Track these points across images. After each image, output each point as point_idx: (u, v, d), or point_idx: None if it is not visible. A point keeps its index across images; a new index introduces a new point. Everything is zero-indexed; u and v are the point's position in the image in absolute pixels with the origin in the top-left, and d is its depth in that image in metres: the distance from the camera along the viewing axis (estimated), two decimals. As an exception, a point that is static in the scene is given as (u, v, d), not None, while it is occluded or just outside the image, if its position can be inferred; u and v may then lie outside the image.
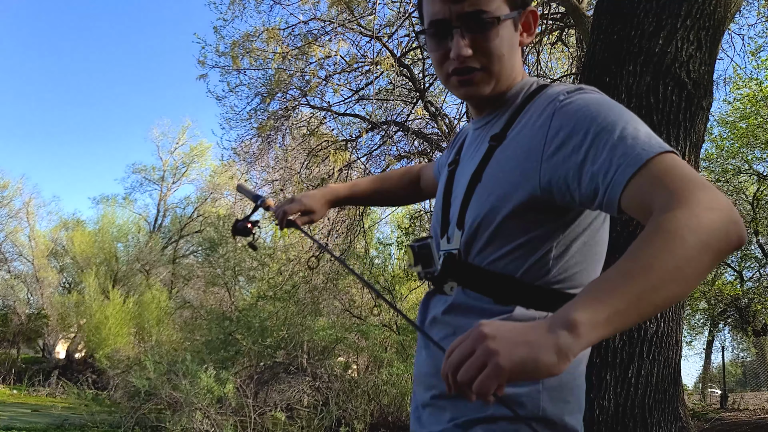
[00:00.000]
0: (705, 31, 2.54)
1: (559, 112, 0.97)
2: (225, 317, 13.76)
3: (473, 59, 1.05)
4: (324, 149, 10.02)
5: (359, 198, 1.60)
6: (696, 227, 0.75)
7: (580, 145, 0.91)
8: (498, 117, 1.11)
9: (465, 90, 1.09)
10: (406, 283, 12.39)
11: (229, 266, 16.54)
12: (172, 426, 8.85)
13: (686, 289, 0.76)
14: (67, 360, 23.77)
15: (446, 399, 1.03)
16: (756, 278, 16.75)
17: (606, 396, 2.34)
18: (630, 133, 0.87)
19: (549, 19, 8.37)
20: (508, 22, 1.05)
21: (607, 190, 0.87)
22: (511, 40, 1.07)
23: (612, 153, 0.87)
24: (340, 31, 9.01)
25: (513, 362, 0.72)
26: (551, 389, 0.97)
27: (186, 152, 29.54)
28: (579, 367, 1.04)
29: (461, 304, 1.05)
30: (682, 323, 2.57)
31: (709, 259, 0.76)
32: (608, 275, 0.78)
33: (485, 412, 0.97)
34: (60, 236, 27.76)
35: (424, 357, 1.13)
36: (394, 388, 9.87)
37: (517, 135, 1.04)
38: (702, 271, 0.76)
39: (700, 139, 2.62)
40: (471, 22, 1.03)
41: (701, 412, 11.40)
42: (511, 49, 1.07)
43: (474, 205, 1.05)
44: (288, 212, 1.47)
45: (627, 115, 0.92)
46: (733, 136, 13.30)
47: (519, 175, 0.99)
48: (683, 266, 0.75)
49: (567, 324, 0.73)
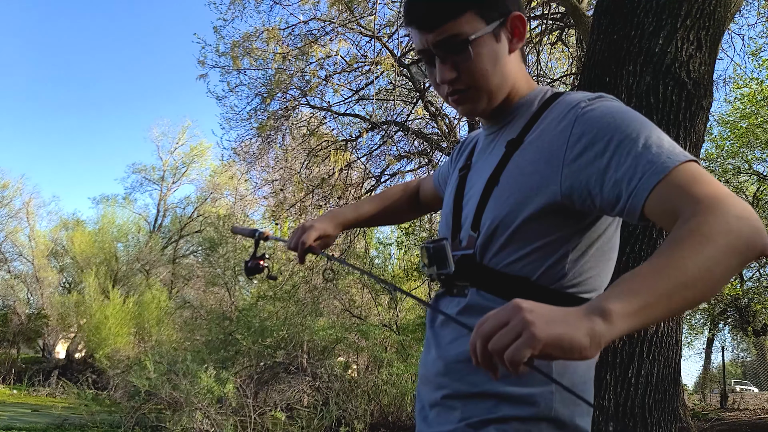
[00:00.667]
0: (705, 31, 2.54)
1: (581, 118, 0.98)
2: (225, 317, 13.77)
3: (459, 81, 1.08)
4: (324, 149, 10.02)
5: (364, 220, 1.61)
6: (726, 232, 0.79)
7: (602, 151, 0.93)
8: (512, 123, 1.13)
9: (462, 108, 1.13)
10: (406, 283, 12.40)
11: (229, 266, 16.55)
12: (172, 426, 8.85)
13: (713, 290, 0.79)
14: (67, 360, 23.79)
15: (458, 399, 1.04)
16: (756, 278, 16.75)
17: (606, 396, 2.34)
18: (654, 142, 0.90)
19: (549, 19, 8.37)
20: (485, 37, 1.06)
21: (630, 197, 0.89)
22: (493, 53, 1.07)
23: (636, 161, 0.89)
24: (340, 31, 9.01)
25: (549, 335, 0.73)
26: (562, 390, 0.98)
27: (186, 152, 29.61)
28: (589, 371, 1.05)
29: (476, 305, 1.05)
30: (682, 323, 2.57)
31: (736, 263, 0.79)
32: (641, 270, 0.80)
33: (497, 412, 0.98)
34: (60, 236, 27.79)
35: (433, 356, 1.13)
36: (394, 388, 9.87)
37: (536, 140, 1.05)
38: (729, 273, 0.79)
39: (700, 139, 2.62)
40: (446, 48, 1.06)
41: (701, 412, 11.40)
42: (497, 63, 1.08)
43: (491, 208, 1.06)
44: (306, 242, 1.44)
45: (649, 124, 0.94)
46: (733, 135, 13.29)
47: (539, 179, 1.00)
48: (713, 267, 0.78)
49: (601, 312, 0.75)
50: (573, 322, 0.75)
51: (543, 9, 8.38)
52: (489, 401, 0.99)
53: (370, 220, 1.61)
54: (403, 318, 11.96)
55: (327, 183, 9.80)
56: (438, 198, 1.51)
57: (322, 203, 10.10)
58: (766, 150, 13.61)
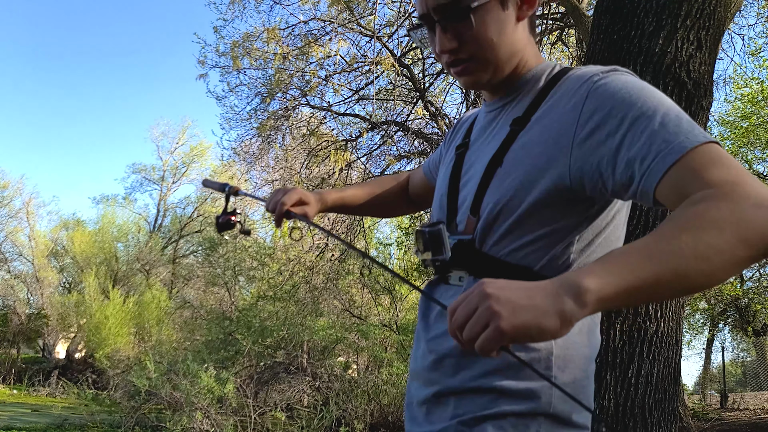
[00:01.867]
0: (705, 31, 2.54)
1: (593, 93, 0.90)
2: (225, 317, 13.77)
3: (461, 50, 1.01)
4: (324, 149, 10.02)
5: (350, 204, 1.48)
6: (737, 221, 0.72)
7: (616, 129, 0.85)
8: (518, 100, 1.05)
9: (464, 80, 1.05)
10: (406, 283, 12.37)
11: (229, 266, 16.55)
12: (173, 426, 8.85)
13: (711, 281, 0.73)
14: (67, 360, 23.77)
15: (451, 395, 0.98)
16: (756, 278, 16.75)
17: (606, 396, 2.34)
18: (672, 120, 0.82)
19: (549, 19, 8.37)
20: (490, 4, 0.98)
21: (643, 178, 0.82)
22: (500, 22, 0.99)
23: (651, 139, 0.82)
24: (340, 31, 9.01)
25: (515, 326, 0.71)
26: (563, 386, 0.93)
27: (186, 152, 29.58)
28: (590, 366, 1.00)
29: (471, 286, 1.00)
30: (682, 323, 2.57)
31: (745, 254, 0.72)
32: (631, 248, 0.75)
33: (493, 408, 0.93)
34: (60, 236, 27.79)
35: (423, 349, 1.06)
36: (394, 388, 9.87)
37: (544, 117, 0.97)
38: (734, 265, 0.72)
39: (700, 139, 2.61)
40: (448, 14, 0.98)
41: (701, 412, 11.40)
42: (503, 32, 0.99)
43: (493, 191, 0.99)
44: (286, 203, 1.30)
45: (667, 101, 0.87)
46: (733, 135, 13.29)
47: (546, 161, 0.93)
48: (713, 257, 0.71)
49: (575, 289, 0.71)
50: (542, 306, 0.71)
51: (543, 9, 8.38)
52: (485, 396, 0.94)
53: (357, 207, 1.49)
54: (403, 318, 11.96)
55: (327, 183, 9.80)
56: (429, 189, 1.40)
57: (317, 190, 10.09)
58: (766, 150, 13.61)
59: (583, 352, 0.98)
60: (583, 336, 0.98)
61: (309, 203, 1.35)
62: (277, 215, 1.30)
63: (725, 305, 16.31)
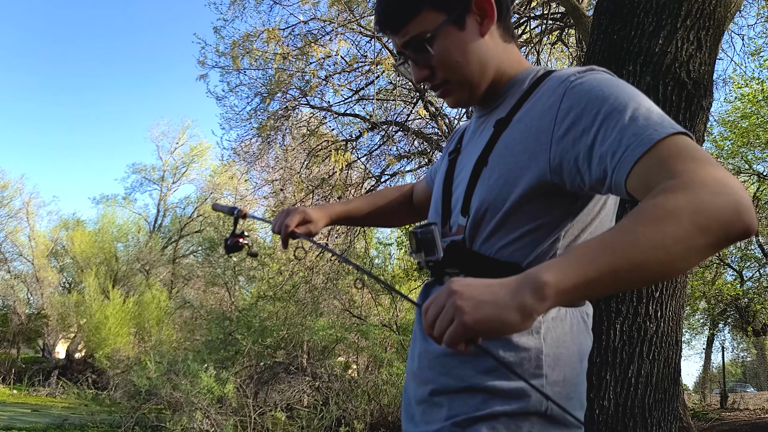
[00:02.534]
0: (705, 31, 2.54)
1: (569, 92, 0.94)
2: (225, 317, 13.77)
3: (435, 76, 1.07)
4: (324, 149, 10.03)
5: (355, 216, 1.53)
6: (695, 210, 0.73)
7: (590, 125, 0.88)
8: (503, 104, 1.09)
9: (448, 101, 1.12)
10: (407, 283, 12.40)
11: (229, 266, 16.56)
12: (173, 426, 8.85)
13: (673, 270, 0.75)
14: (67, 360, 23.78)
15: (445, 395, 0.99)
16: (756, 278, 16.75)
17: (606, 396, 2.34)
18: (642, 114, 0.85)
19: (549, 19, 8.37)
20: (446, 29, 1.02)
21: (614, 172, 0.84)
22: (460, 42, 1.03)
23: (622, 133, 0.84)
24: (340, 31, 9.01)
25: (477, 320, 0.75)
26: (554, 384, 0.95)
27: (186, 152, 29.60)
28: (581, 364, 1.01)
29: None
30: (682, 323, 2.57)
31: (704, 242, 0.73)
32: (591, 243, 0.77)
33: (486, 408, 0.94)
34: (60, 236, 27.81)
35: (419, 350, 1.08)
36: (394, 388, 9.87)
37: (525, 117, 1.01)
38: (694, 254, 0.73)
39: (700, 139, 2.62)
40: (412, 48, 1.05)
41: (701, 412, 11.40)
42: (465, 51, 1.04)
43: (479, 190, 1.02)
44: (290, 225, 1.37)
45: (639, 96, 0.90)
46: (733, 135, 13.30)
47: (528, 157, 0.96)
48: (671, 246, 0.73)
49: (534, 284, 0.74)
50: (503, 300, 0.75)
51: (543, 9, 8.38)
52: (478, 396, 0.95)
53: (362, 218, 1.54)
54: (403, 318, 11.97)
55: (327, 183, 9.80)
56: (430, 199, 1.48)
57: (322, 203, 10.10)
58: (766, 150, 13.61)
59: (573, 350, 0.99)
60: (573, 335, 0.99)
61: (312, 221, 1.41)
62: (282, 237, 1.38)
63: (725, 305, 16.31)
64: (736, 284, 15.87)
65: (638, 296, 2.42)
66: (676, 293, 2.50)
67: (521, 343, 0.94)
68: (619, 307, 2.41)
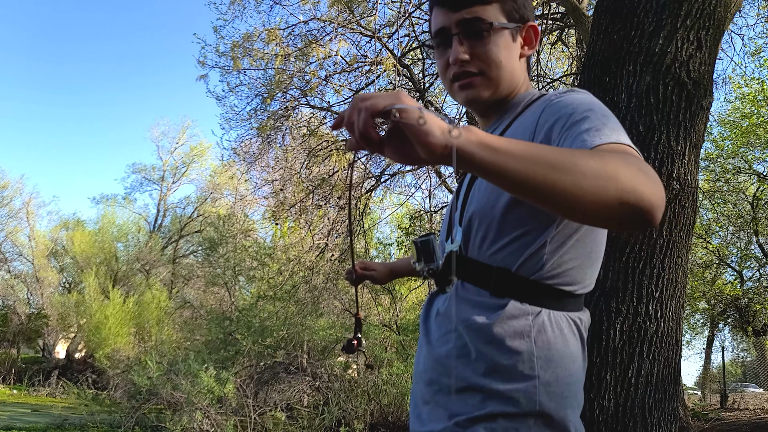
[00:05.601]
0: (705, 31, 2.54)
1: (548, 108, 1.04)
2: (225, 317, 13.77)
3: (471, 64, 1.12)
4: (324, 149, 10.03)
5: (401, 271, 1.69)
6: (624, 166, 0.78)
7: (558, 134, 0.97)
8: (501, 123, 1.17)
9: (465, 94, 1.15)
10: (407, 283, 12.39)
11: (229, 266, 16.55)
12: (173, 426, 8.84)
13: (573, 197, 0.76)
14: (67, 360, 23.79)
15: (447, 395, 1.03)
16: (756, 278, 16.75)
17: (606, 396, 2.34)
18: (595, 125, 0.92)
19: (549, 19, 8.37)
20: (505, 32, 1.13)
21: None
22: (510, 49, 1.14)
23: (575, 140, 0.92)
24: (340, 32, 9.01)
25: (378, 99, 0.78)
26: (547, 384, 0.97)
27: (186, 152, 29.62)
28: (574, 364, 1.03)
29: (460, 297, 1.07)
30: (682, 323, 2.57)
31: (614, 195, 0.76)
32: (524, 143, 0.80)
33: (484, 409, 0.96)
34: (60, 236, 27.81)
35: (424, 353, 1.13)
36: (394, 388, 9.87)
37: (512, 132, 1.10)
38: (601, 197, 0.76)
39: (700, 139, 2.62)
40: (468, 29, 1.11)
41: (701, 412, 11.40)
42: (510, 57, 1.14)
43: (472, 201, 1.10)
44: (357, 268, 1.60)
45: (602, 110, 0.97)
46: (733, 135, 13.30)
47: None
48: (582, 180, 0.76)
49: (466, 127, 0.77)
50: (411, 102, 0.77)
51: (543, 9, 8.38)
52: (476, 396, 0.98)
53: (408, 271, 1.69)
54: (403, 318, 11.96)
55: (327, 183, 9.80)
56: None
57: (322, 203, 10.11)
58: (766, 150, 13.62)
59: (565, 351, 1.01)
60: (565, 337, 1.02)
61: (375, 269, 1.65)
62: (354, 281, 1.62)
63: (725, 305, 16.31)
64: (736, 284, 15.87)
65: (638, 296, 2.43)
66: (676, 293, 2.50)
67: (514, 347, 0.98)
68: (619, 307, 2.41)
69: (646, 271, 2.44)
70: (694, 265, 14.78)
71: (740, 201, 15.22)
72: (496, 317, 0.99)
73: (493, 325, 0.99)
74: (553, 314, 1.02)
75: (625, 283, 2.41)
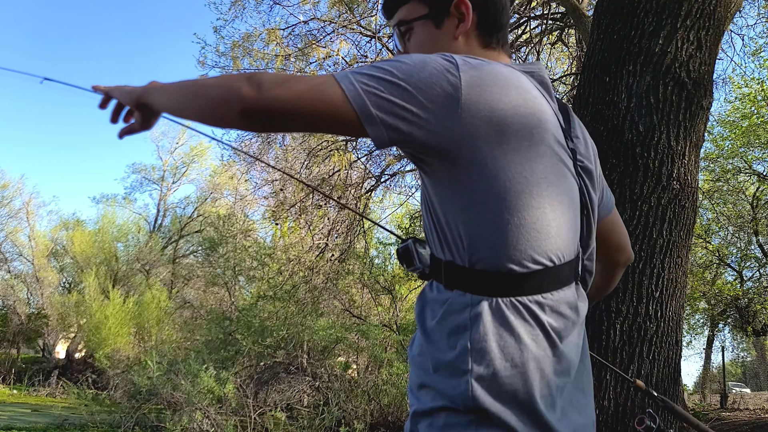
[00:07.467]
0: (705, 31, 2.54)
1: None
2: (225, 317, 13.77)
3: None
4: (324, 149, 10.02)
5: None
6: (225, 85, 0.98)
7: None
8: None
9: None
10: (406, 283, 12.39)
11: (229, 266, 16.55)
12: (173, 426, 8.84)
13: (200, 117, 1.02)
14: (67, 360, 23.78)
15: (413, 393, 1.04)
16: (756, 278, 16.75)
17: (606, 396, 2.34)
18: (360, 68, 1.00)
19: (549, 19, 8.38)
20: (424, 22, 1.13)
21: None
22: (430, 38, 1.12)
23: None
24: (340, 32, 9.02)
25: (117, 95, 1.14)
26: (480, 379, 0.93)
27: (186, 152, 29.59)
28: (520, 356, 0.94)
29: (423, 292, 1.08)
30: (682, 323, 2.57)
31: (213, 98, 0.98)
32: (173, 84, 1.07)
33: (428, 404, 0.97)
34: (60, 236, 27.80)
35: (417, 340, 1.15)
36: (394, 388, 9.87)
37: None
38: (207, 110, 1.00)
39: (700, 138, 2.62)
40: (400, 33, 1.18)
41: (701, 412, 11.40)
42: (435, 45, 1.10)
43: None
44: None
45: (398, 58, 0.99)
46: (733, 135, 13.30)
47: None
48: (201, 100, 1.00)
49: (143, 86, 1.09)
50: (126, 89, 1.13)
51: (543, 9, 8.38)
52: (422, 392, 0.99)
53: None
54: (403, 318, 11.96)
55: (327, 183, 9.80)
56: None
57: (322, 203, 10.11)
58: (766, 150, 13.62)
59: (507, 341, 0.95)
60: (508, 323, 0.95)
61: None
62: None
63: (725, 305, 16.31)
64: (736, 284, 15.86)
65: (638, 296, 2.43)
66: (676, 293, 2.50)
67: (450, 343, 0.96)
68: (619, 307, 2.42)
69: (646, 271, 2.44)
70: (694, 265, 14.78)
71: (740, 201, 15.23)
72: (440, 314, 0.99)
73: (437, 323, 0.99)
74: (496, 301, 0.95)
75: (625, 283, 2.41)
